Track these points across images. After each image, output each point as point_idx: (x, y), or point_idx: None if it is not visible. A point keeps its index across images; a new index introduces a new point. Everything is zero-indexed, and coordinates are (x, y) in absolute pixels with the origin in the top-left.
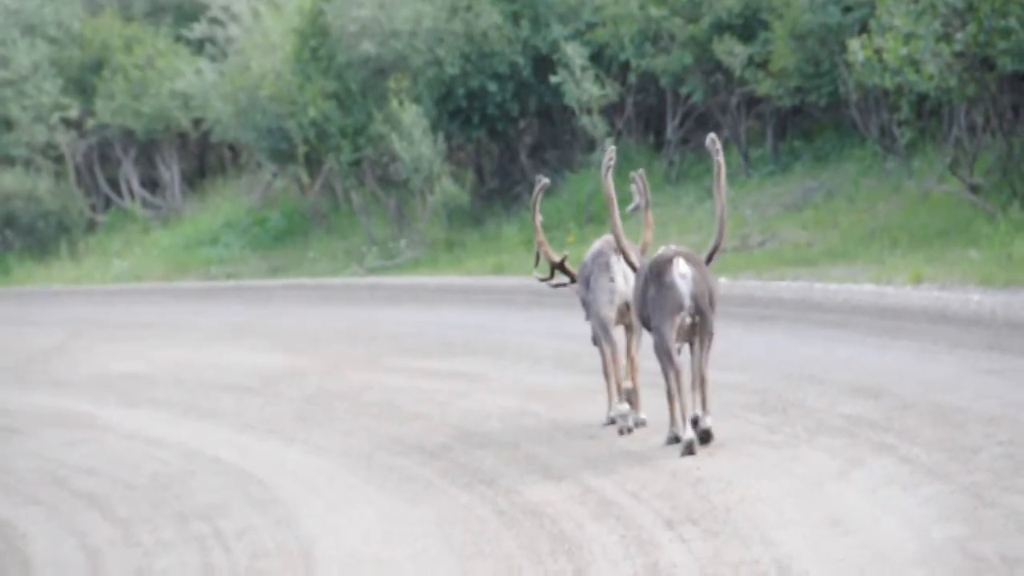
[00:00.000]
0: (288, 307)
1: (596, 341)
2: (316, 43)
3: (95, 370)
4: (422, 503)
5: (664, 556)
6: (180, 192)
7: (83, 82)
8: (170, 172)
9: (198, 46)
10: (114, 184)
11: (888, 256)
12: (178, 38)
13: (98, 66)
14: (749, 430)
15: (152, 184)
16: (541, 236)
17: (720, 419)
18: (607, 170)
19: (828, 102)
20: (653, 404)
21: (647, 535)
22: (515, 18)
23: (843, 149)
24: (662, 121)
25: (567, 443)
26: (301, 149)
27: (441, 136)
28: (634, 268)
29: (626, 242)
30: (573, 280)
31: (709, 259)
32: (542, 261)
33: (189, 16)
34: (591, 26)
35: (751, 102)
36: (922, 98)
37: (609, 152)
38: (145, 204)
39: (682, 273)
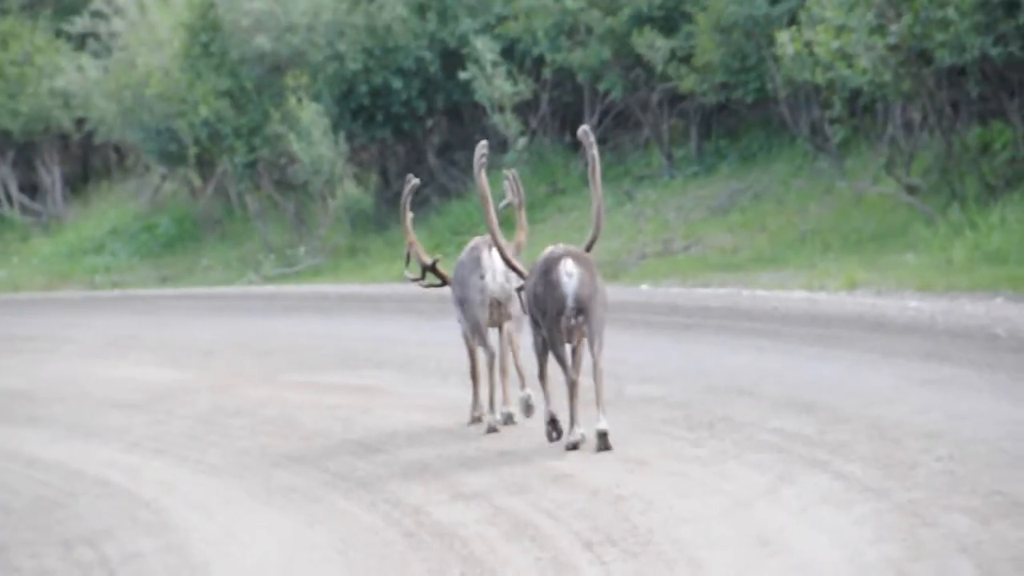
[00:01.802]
0: (179, 318)
1: (467, 343)
2: (207, 38)
3: None
4: (324, 526)
5: None
6: (62, 197)
7: None
8: (51, 176)
9: (80, 41)
10: None
11: (820, 261)
12: (58, 33)
13: None
14: (673, 446)
15: (31, 188)
16: (412, 236)
17: (642, 434)
18: (480, 168)
19: (755, 99)
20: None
21: (564, 557)
22: (421, 10)
23: (771, 148)
24: (579, 119)
25: (478, 460)
26: (192, 150)
27: (343, 136)
28: (511, 266)
29: (502, 240)
30: (444, 283)
31: (587, 251)
32: (413, 262)
33: (69, 9)
34: (502, 19)
35: (674, 99)
36: (855, 94)
37: (480, 147)
38: (24, 210)
39: (569, 272)
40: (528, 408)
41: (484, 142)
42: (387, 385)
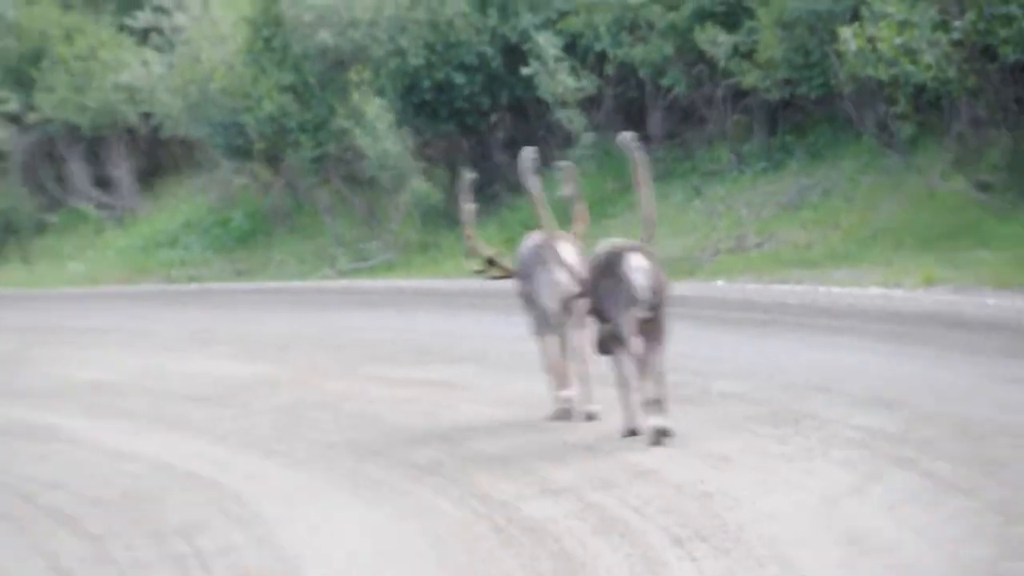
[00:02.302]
0: (254, 312)
1: (537, 336)
2: (269, 33)
3: (55, 378)
4: (413, 520)
5: (673, 575)
6: (134, 190)
7: (21, 74)
8: (120, 169)
9: (142, 36)
10: (63, 183)
11: (895, 258)
12: (121, 27)
13: (36, 57)
14: (757, 442)
15: (103, 182)
16: (470, 230)
17: (724, 430)
18: (528, 174)
19: (820, 94)
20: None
21: (654, 553)
22: (482, 6)
23: (838, 144)
24: (644, 115)
25: (563, 455)
26: (259, 145)
27: (408, 131)
28: (570, 271)
29: (559, 234)
30: (508, 275)
31: None
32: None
33: (132, 4)
34: (563, 14)
35: (738, 95)
36: (920, 90)
37: (527, 152)
38: (97, 204)
39: (639, 266)
40: (566, 412)
41: (531, 148)
42: (463, 379)
